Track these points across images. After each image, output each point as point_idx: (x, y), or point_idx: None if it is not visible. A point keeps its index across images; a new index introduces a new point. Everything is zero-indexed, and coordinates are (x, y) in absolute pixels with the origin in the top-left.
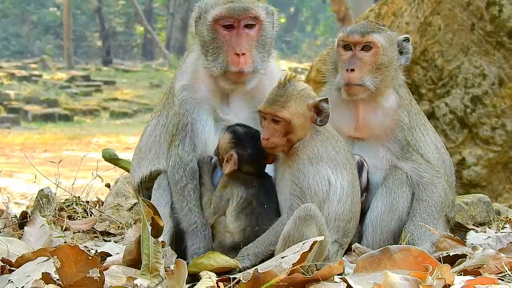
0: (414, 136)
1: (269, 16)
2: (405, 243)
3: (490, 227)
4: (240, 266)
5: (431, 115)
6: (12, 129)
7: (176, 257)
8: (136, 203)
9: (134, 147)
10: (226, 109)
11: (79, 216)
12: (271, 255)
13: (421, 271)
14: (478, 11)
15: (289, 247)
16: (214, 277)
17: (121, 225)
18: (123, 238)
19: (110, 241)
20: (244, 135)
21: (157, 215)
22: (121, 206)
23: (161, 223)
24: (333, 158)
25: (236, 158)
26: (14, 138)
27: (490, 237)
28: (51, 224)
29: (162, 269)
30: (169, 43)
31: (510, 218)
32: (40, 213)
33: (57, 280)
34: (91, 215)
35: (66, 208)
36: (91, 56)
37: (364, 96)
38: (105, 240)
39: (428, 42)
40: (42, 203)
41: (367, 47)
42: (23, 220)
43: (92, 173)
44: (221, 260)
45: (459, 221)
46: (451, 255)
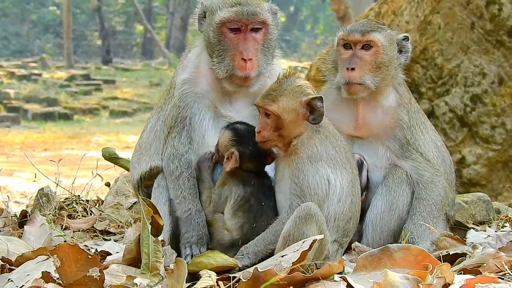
0: (414, 135)
1: (274, 18)
2: (405, 242)
3: (490, 226)
4: (240, 265)
5: (431, 114)
6: (12, 128)
7: (176, 256)
8: (136, 202)
9: (134, 146)
10: (229, 106)
11: (79, 215)
12: (271, 254)
13: (421, 270)
14: (478, 10)
15: (289, 246)
16: (214, 276)
17: (121, 224)
18: (123, 237)
19: (110, 240)
20: (245, 133)
21: (157, 214)
22: (121, 205)
23: (161, 222)
24: (333, 158)
25: (238, 156)
26: (14, 137)
27: (490, 236)
28: (51, 223)
29: (162, 268)
30: (169, 42)
31: (510, 217)
32: (40, 212)
33: (57, 279)
34: (91, 214)
35: (66, 207)
36: (91, 55)
37: (364, 95)
38: (105, 239)
39: (428, 41)
40: (42, 202)
41: (367, 46)
42: (23, 219)
43: (92, 172)
44: (221, 259)
45: (459, 220)
46: (451, 254)
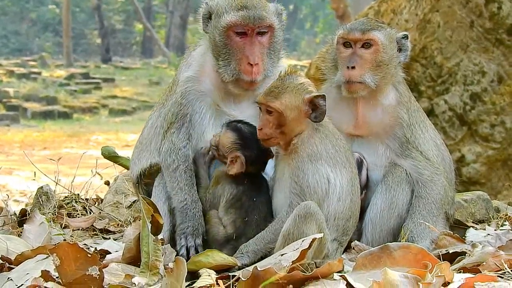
0: (414, 133)
1: (280, 20)
2: (405, 241)
3: (490, 225)
4: (239, 264)
5: (430, 112)
6: (11, 127)
7: (176, 255)
8: (136, 201)
9: (134, 145)
10: (233, 105)
11: (79, 214)
12: (270, 253)
13: (421, 269)
14: (477, 8)
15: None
16: (214, 275)
17: (121, 223)
18: (123, 236)
19: (110, 239)
20: (250, 135)
21: (157, 213)
22: (121, 204)
23: (161, 221)
24: (333, 157)
25: (243, 161)
26: (13, 136)
27: (490, 235)
28: (51, 222)
29: (162, 267)
30: (168, 41)
31: (510, 216)
32: (40, 211)
33: (57, 278)
34: (91, 213)
35: (66, 206)
36: (90, 54)
37: (364, 94)
38: (105, 238)
39: (427, 39)
40: (42, 201)
41: (367, 45)
42: (23, 218)
43: (92, 171)
44: (220, 258)
45: (459, 219)
46: (451, 253)
